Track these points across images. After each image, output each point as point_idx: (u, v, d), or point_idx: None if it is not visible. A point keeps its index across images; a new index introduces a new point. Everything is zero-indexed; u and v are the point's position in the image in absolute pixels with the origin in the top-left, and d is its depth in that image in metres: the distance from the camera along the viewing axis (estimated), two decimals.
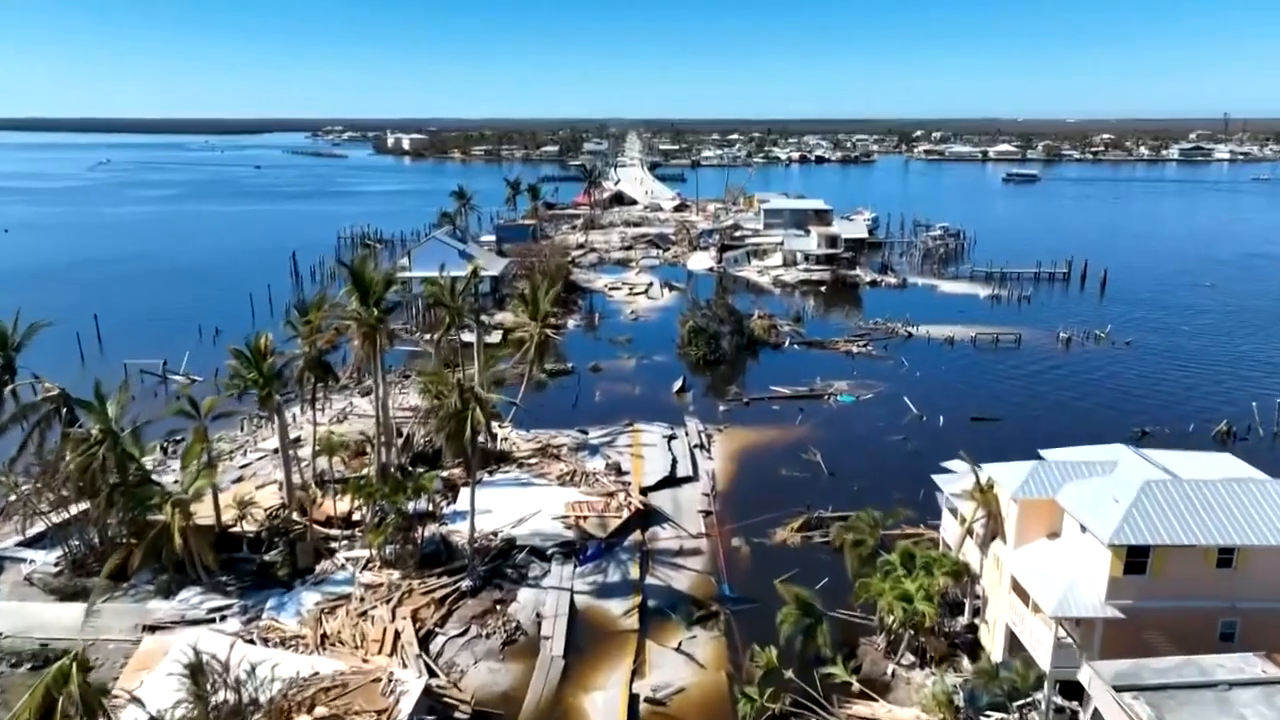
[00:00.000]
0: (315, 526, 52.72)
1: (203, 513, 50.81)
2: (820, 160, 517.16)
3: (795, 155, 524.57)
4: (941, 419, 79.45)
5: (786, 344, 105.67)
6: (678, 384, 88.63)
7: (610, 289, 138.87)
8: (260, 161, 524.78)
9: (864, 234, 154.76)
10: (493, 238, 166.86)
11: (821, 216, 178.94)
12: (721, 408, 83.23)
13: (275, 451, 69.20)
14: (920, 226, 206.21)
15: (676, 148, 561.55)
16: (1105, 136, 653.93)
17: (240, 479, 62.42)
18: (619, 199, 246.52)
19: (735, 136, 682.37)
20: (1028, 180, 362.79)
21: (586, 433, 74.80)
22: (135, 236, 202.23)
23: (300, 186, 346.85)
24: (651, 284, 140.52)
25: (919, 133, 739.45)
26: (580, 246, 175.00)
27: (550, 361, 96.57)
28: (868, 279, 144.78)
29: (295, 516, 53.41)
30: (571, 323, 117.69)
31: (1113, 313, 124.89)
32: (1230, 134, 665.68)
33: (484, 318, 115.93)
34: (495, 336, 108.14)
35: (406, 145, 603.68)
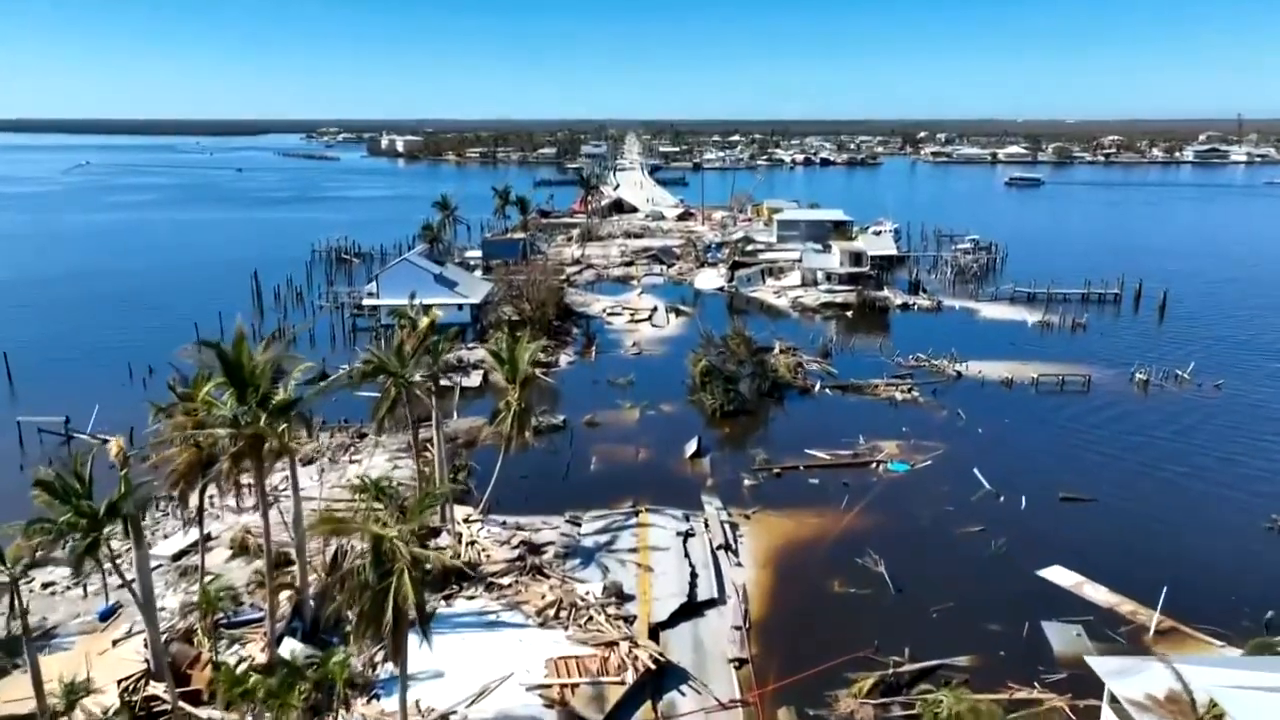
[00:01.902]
0: (187, 709, 36.85)
1: (19, 694, 35.17)
2: (825, 163, 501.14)
3: (799, 158, 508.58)
4: (1024, 500, 63.55)
5: (816, 388, 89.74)
6: (691, 447, 72.70)
7: (609, 314, 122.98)
8: (248, 164, 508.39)
9: (892, 250, 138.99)
10: (479, 253, 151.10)
11: (840, 229, 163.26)
12: (747, 481, 67.31)
13: (175, 558, 53.53)
14: (945, 238, 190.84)
15: (677, 150, 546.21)
16: (1113, 138, 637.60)
17: (116, 608, 46.54)
18: (618, 206, 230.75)
19: (737, 138, 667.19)
20: (1031, 184, 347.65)
21: (579, 523, 58.99)
22: (89, 249, 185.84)
23: (282, 191, 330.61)
24: (656, 309, 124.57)
25: (923, 134, 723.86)
26: (576, 262, 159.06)
27: (537, 413, 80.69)
28: (898, 302, 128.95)
29: (162, 692, 37.56)
30: (565, 359, 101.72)
31: (1178, 342, 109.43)
32: (1242, 135, 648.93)
33: (463, 353, 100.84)
34: (475, 379, 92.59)
35: (400, 147, 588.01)
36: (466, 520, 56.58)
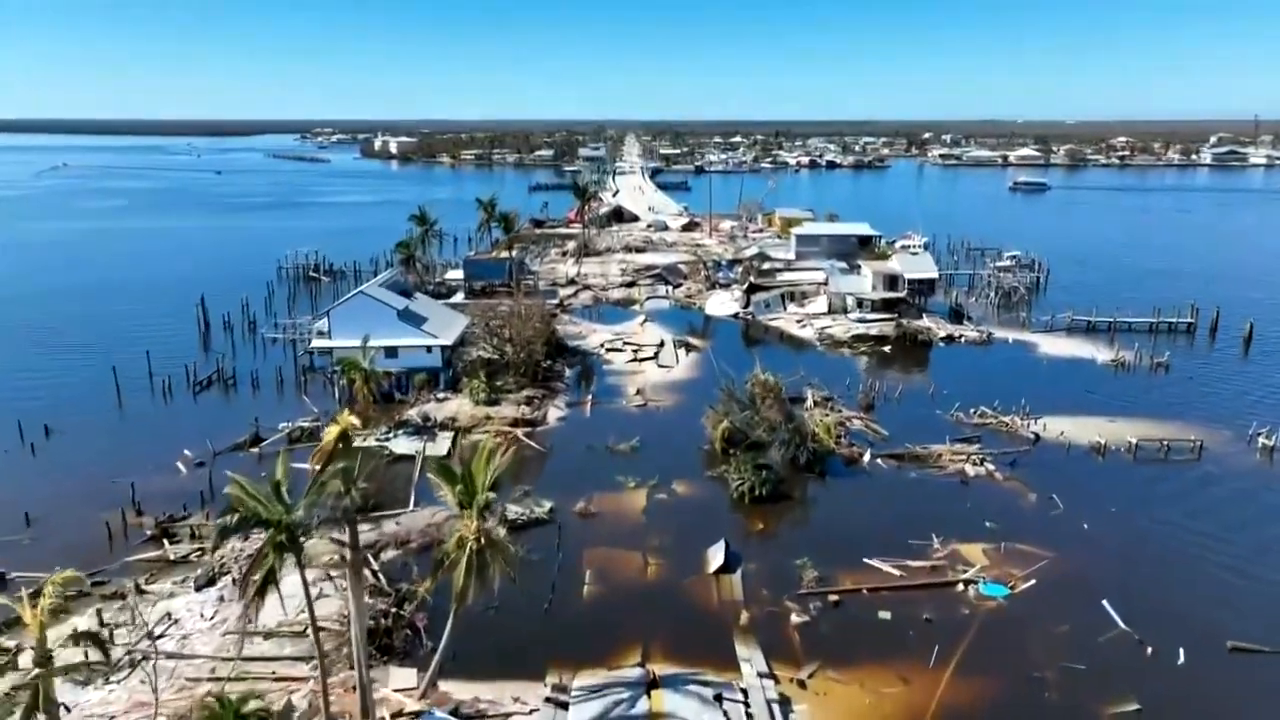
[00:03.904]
0: None
1: None
2: (831, 165, 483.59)
3: (804, 160, 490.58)
4: (1181, 653, 46.19)
5: (866, 458, 72.30)
6: (717, 558, 55.25)
7: (608, 349, 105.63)
8: (237, 166, 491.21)
9: (932, 272, 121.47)
10: (460, 274, 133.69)
11: (867, 245, 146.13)
12: (795, 616, 49.90)
13: None
14: (975, 252, 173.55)
15: (678, 152, 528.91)
16: (1123, 139, 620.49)
17: None
18: (617, 215, 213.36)
19: (738, 139, 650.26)
20: (1036, 189, 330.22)
21: (566, 700, 41.65)
22: (33, 266, 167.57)
23: (261, 196, 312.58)
24: (662, 344, 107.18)
25: (928, 135, 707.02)
26: (571, 282, 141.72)
27: (518, 495, 63.62)
28: (941, 334, 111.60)
29: None
30: (555, 412, 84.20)
31: (1271, 382, 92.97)
32: (1256, 136, 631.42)
33: (430, 406, 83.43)
34: (443, 443, 74.98)
35: (394, 149, 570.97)
36: (400, 716, 39.06)
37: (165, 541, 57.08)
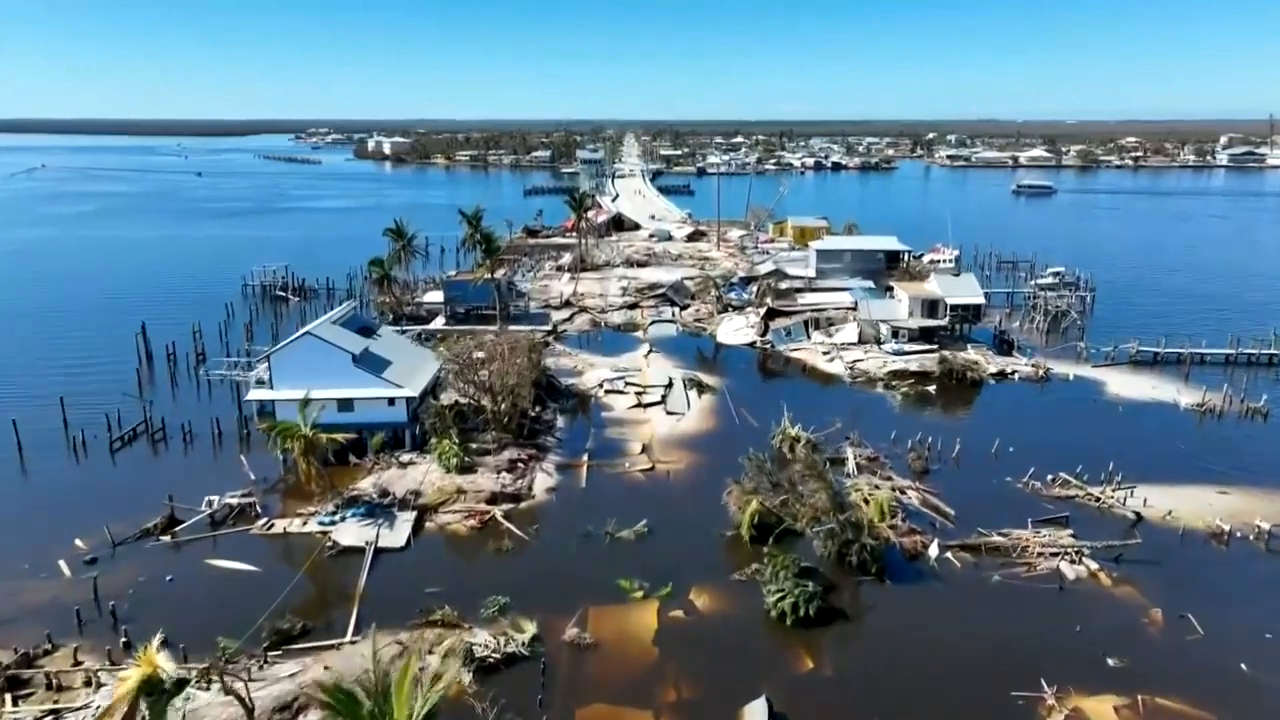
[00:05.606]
0: None
1: None
2: (837, 167, 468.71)
3: (809, 162, 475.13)
4: None
5: (933, 552, 57.47)
6: (757, 718, 40.57)
7: (607, 390, 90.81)
8: (226, 168, 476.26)
9: (979, 297, 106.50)
10: (439, 296, 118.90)
11: (895, 261, 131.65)
12: None
13: None
14: (1008, 265, 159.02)
15: (678, 153, 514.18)
16: (1133, 140, 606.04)
17: None
18: (618, 224, 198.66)
19: (739, 139, 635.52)
20: (1041, 192, 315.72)
21: None
22: None
23: (243, 201, 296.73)
24: (671, 384, 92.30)
25: (932, 135, 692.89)
26: (566, 303, 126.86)
27: (488, 615, 49.11)
28: (992, 369, 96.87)
29: None
30: (543, 480, 69.21)
31: None
32: (1270, 136, 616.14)
33: (389, 474, 68.82)
34: (402, 530, 60.10)
35: (387, 150, 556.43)
36: None
37: (7, 697, 42.25)
